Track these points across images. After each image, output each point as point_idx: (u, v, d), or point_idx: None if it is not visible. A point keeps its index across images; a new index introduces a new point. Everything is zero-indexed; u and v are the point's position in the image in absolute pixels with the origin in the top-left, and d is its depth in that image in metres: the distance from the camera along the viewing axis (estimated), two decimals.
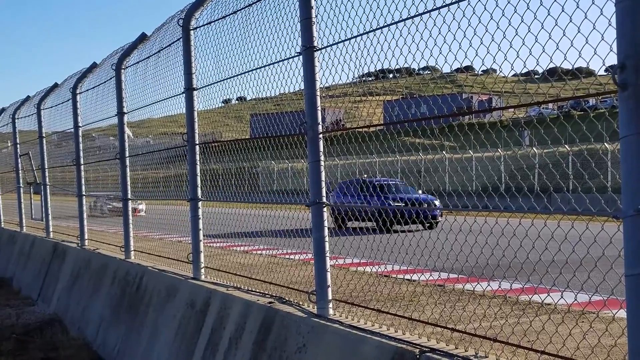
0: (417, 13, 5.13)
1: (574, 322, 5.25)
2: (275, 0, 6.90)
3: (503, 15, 4.42)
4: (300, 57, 6.23)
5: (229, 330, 7.08)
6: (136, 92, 11.11)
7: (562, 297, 4.60)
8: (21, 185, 19.05)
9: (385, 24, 5.43)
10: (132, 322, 9.63)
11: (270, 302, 6.74)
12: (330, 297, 6.16)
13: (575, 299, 4.53)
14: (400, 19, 5.28)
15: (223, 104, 9.49)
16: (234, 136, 10.14)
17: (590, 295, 4.52)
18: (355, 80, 6.45)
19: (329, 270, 6.18)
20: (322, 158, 6.15)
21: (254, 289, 7.51)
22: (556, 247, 4.33)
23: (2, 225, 21.31)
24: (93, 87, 13.28)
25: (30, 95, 18.55)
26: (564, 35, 3.99)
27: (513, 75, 4.77)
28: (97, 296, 11.40)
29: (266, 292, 7.26)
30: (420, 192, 12.86)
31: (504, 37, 4.42)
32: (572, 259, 4.27)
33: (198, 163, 8.71)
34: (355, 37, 5.79)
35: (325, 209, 6.16)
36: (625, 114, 3.52)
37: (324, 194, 6.14)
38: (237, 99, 9.61)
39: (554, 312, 5.88)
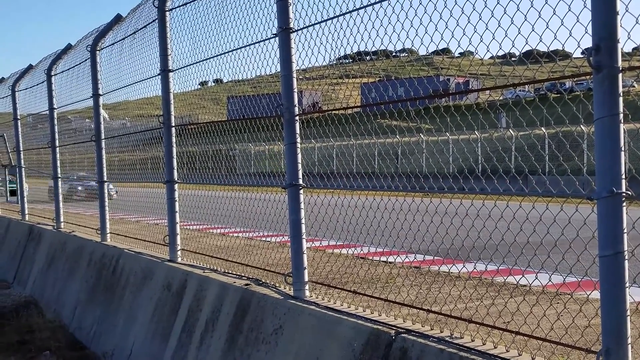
0: None
1: (548, 303, 5.29)
2: None
3: None
4: (277, 38, 6.19)
5: (205, 312, 7.07)
6: (112, 74, 11.03)
7: (536, 278, 4.63)
8: None
9: (362, 6, 5.41)
10: (108, 305, 9.59)
11: (246, 284, 6.74)
12: (306, 279, 6.17)
13: (550, 280, 4.56)
14: (377, 0, 5.26)
15: (200, 86, 9.44)
16: (211, 118, 10.09)
17: (564, 277, 4.55)
18: (332, 62, 6.43)
19: (305, 252, 6.19)
20: (298, 140, 6.13)
21: (230, 271, 7.51)
22: (531, 229, 4.35)
23: None
24: (68, 69, 13.16)
25: (4, 77, 18.38)
26: (540, 17, 4.00)
27: (490, 58, 4.77)
28: (73, 279, 11.34)
29: (243, 274, 7.26)
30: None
31: (480, 19, 4.42)
32: (547, 240, 4.29)
33: (174, 145, 8.67)
34: (332, 18, 5.76)
35: (301, 191, 6.16)
36: (599, 95, 3.54)
37: (300, 176, 6.13)
38: (214, 81, 9.56)
39: (529, 293, 5.92)
